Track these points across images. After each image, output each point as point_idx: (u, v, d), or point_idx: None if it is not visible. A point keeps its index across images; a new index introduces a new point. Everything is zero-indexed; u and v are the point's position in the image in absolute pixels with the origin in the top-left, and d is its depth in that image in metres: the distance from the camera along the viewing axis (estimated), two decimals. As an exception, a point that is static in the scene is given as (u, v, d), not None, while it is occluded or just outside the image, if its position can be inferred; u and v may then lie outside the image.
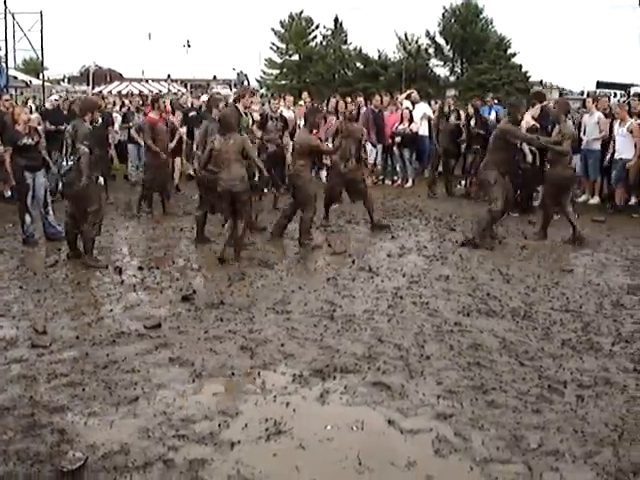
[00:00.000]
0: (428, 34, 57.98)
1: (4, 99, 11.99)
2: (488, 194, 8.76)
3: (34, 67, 39.20)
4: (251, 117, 9.61)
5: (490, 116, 13.07)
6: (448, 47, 57.93)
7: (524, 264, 7.81)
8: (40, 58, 28.98)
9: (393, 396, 4.43)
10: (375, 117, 13.39)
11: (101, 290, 6.71)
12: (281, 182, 11.00)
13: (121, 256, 8.10)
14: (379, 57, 58.65)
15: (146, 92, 26.71)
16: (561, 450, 3.79)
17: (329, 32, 60.00)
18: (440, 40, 57.97)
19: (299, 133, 8.91)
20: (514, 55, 55.78)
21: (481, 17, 56.56)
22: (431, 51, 58.47)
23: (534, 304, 6.35)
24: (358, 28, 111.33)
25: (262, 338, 5.39)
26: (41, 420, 4.05)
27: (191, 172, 14.06)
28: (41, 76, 30.16)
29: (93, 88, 39.35)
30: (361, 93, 16.86)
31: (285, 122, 11.20)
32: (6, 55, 22.88)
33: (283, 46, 59.79)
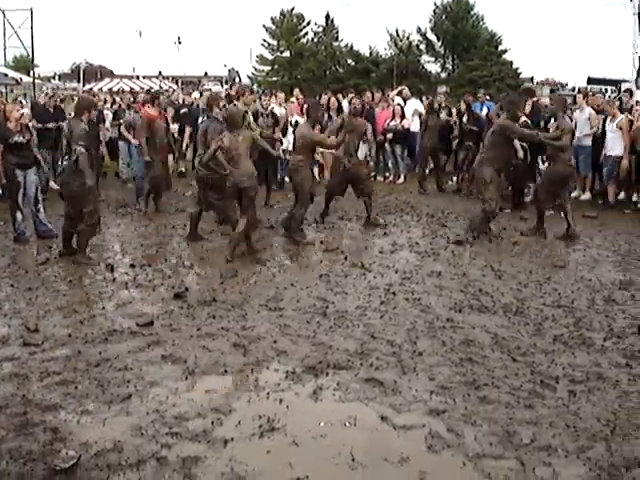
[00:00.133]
0: (419, 30, 58.11)
1: (-6, 97, 11.94)
2: (482, 193, 8.70)
3: (24, 64, 38.94)
4: (251, 115, 9.58)
5: (482, 112, 13.07)
6: (439, 43, 57.96)
7: (516, 260, 7.83)
8: (30, 55, 28.87)
9: (386, 392, 4.44)
10: (367, 114, 13.38)
11: (93, 288, 6.68)
12: (274, 178, 10.99)
13: (113, 253, 8.07)
14: (370, 54, 58.64)
15: (137, 89, 26.63)
16: (553, 445, 3.81)
17: (320, 29, 59.92)
18: (431, 36, 58.06)
19: (300, 128, 8.85)
20: (505, 52, 55.88)
21: (472, 13, 56.58)
22: (422, 47, 58.47)
23: (526, 300, 6.36)
24: (349, 25, 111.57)
25: (255, 335, 5.39)
26: (34, 418, 4.04)
27: (182, 169, 14.07)
28: (32, 73, 29.95)
29: (84, 85, 39.17)
30: (352, 90, 16.85)
31: (276, 119, 11.22)
32: (-4, 52, 22.76)
33: (274, 43, 59.66)
